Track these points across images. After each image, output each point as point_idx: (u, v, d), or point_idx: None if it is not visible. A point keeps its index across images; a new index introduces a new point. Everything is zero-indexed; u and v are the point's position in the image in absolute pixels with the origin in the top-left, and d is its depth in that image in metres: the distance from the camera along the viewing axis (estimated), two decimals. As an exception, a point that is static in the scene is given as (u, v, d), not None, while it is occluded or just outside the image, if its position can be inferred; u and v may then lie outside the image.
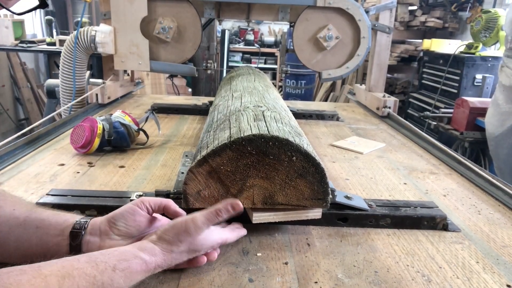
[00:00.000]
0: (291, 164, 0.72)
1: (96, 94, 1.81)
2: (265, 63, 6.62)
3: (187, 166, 1.01)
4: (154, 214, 0.68)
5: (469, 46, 3.69)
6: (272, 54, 6.64)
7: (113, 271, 0.50)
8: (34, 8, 0.56)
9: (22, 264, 0.62)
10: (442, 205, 0.97)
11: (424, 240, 0.81)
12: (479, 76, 3.51)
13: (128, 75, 2.19)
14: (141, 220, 0.64)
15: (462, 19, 4.67)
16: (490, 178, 1.10)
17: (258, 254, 0.72)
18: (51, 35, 4.74)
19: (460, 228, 0.86)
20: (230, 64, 5.52)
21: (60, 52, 1.93)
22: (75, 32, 1.83)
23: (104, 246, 0.62)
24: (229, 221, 0.81)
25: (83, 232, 0.62)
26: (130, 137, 1.25)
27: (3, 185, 0.96)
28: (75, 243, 0.62)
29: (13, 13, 0.55)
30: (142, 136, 1.34)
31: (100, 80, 1.85)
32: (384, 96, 1.91)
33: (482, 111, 2.63)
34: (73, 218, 0.65)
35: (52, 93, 2.48)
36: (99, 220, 0.65)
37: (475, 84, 3.57)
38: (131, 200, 0.83)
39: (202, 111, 1.81)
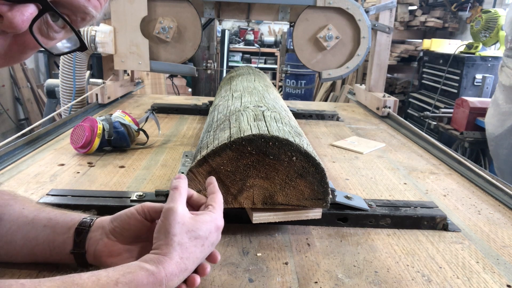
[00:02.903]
0: (291, 164, 0.72)
1: (96, 94, 1.81)
2: (265, 63, 6.63)
3: (187, 166, 1.01)
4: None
5: (469, 46, 3.69)
6: (272, 54, 6.65)
7: (115, 285, 0.47)
8: (73, 51, 0.55)
9: (27, 262, 0.63)
10: (442, 205, 0.97)
11: (424, 240, 0.81)
12: (479, 76, 3.52)
13: (128, 75, 2.19)
14: (135, 225, 0.61)
15: (462, 19, 4.68)
16: (490, 178, 1.10)
17: (258, 254, 0.72)
18: (51, 35, 4.73)
19: (460, 228, 0.86)
20: (230, 64, 5.52)
21: (60, 52, 1.93)
22: (75, 32, 1.83)
23: (100, 244, 0.62)
24: (230, 221, 0.81)
25: (87, 229, 0.63)
26: (130, 137, 1.25)
27: (3, 185, 0.96)
28: (79, 239, 0.62)
29: (51, 53, 0.54)
30: (142, 136, 1.34)
31: (100, 80, 1.85)
32: (384, 96, 1.91)
33: (482, 111, 2.63)
34: (80, 216, 0.65)
35: (52, 93, 2.48)
36: (104, 218, 0.65)
37: (475, 84, 3.57)
38: (131, 201, 0.84)
39: (202, 111, 1.81)
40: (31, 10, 0.45)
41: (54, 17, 0.49)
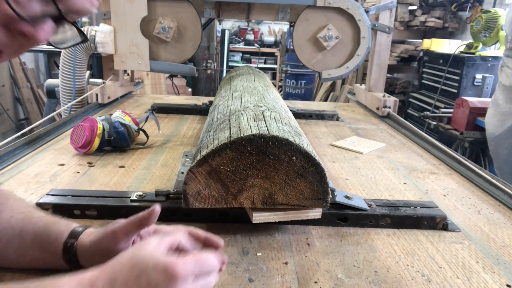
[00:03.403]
0: (291, 164, 0.72)
1: (96, 94, 1.81)
2: (265, 63, 6.62)
3: (187, 166, 1.01)
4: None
5: (469, 46, 3.69)
6: (272, 54, 6.64)
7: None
8: (76, 44, 0.58)
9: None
10: (442, 205, 0.97)
11: (424, 240, 0.81)
12: (479, 76, 3.51)
13: (128, 75, 2.19)
14: (116, 252, 0.56)
15: (462, 19, 4.68)
16: (490, 178, 1.10)
17: (258, 254, 0.72)
18: (51, 35, 4.73)
19: (460, 228, 0.86)
20: (230, 64, 5.52)
21: (60, 52, 1.94)
22: (75, 32, 1.83)
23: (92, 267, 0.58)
24: (230, 221, 0.81)
25: (74, 256, 0.60)
26: (130, 137, 1.25)
27: (3, 185, 0.96)
28: (70, 265, 0.60)
29: (56, 47, 0.56)
30: (142, 136, 1.34)
31: (100, 80, 1.85)
32: (384, 96, 1.91)
33: (482, 111, 2.63)
34: (62, 235, 0.61)
35: (52, 93, 2.48)
36: (84, 248, 0.60)
37: (475, 84, 3.57)
38: (131, 201, 0.84)
39: (202, 111, 1.81)
40: (50, 25, 0.49)
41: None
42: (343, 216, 0.84)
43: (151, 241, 0.49)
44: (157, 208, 0.56)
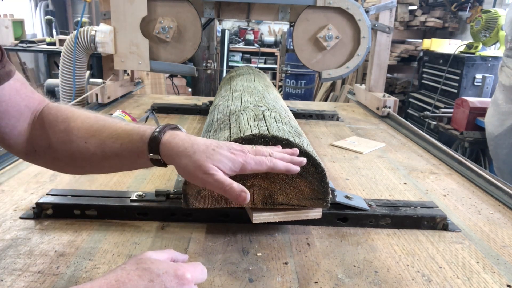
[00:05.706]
0: (291, 164, 0.72)
1: (96, 94, 1.81)
2: (265, 63, 6.62)
3: (187, 166, 1.01)
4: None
5: (469, 46, 3.69)
6: (272, 54, 6.64)
7: None
8: None
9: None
10: (442, 205, 0.97)
11: (424, 240, 0.81)
12: (479, 76, 3.51)
13: (128, 75, 2.19)
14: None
15: (462, 19, 4.68)
16: (490, 178, 1.10)
17: (258, 254, 0.72)
18: (51, 35, 4.75)
19: (460, 228, 0.86)
20: (230, 64, 5.51)
21: (60, 52, 1.93)
22: (75, 32, 1.83)
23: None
24: (230, 221, 0.81)
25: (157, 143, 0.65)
26: (130, 137, 1.25)
27: (3, 185, 0.96)
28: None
29: None
30: (142, 136, 1.33)
31: (100, 80, 1.85)
32: (384, 96, 1.91)
33: (482, 111, 2.63)
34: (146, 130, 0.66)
35: (52, 93, 2.48)
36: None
37: (475, 84, 3.57)
38: (131, 201, 0.84)
39: (202, 111, 1.81)
40: None
41: None
42: (343, 216, 0.84)
43: (150, 253, 0.52)
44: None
